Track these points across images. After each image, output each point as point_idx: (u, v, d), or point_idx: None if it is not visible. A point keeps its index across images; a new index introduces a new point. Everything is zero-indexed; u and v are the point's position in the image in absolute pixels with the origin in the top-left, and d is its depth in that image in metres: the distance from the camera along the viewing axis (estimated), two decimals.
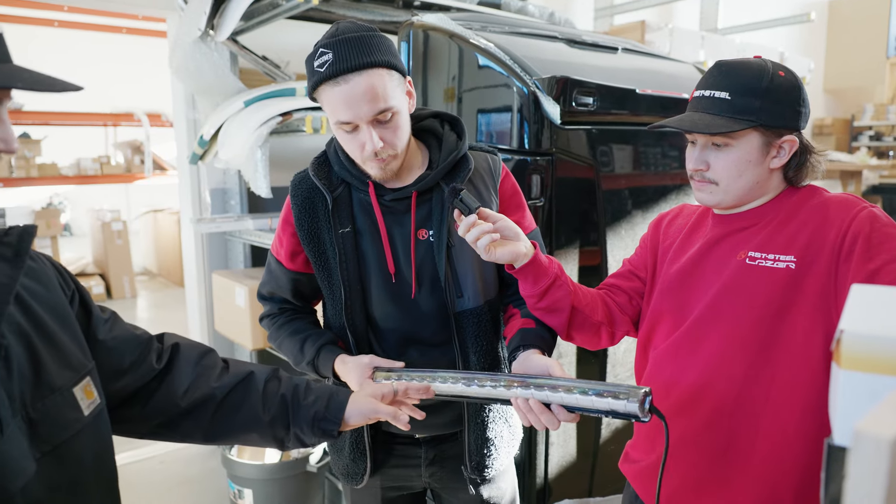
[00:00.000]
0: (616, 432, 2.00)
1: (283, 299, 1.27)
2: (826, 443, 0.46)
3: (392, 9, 2.51)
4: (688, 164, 1.07)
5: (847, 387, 0.47)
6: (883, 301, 0.54)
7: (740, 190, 1.02)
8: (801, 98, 1.01)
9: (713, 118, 1.00)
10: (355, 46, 1.00)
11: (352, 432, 1.20)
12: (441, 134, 1.18)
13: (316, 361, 1.18)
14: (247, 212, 2.84)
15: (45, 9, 4.85)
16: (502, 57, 1.73)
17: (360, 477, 1.23)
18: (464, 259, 1.15)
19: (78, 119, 6.19)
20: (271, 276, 1.26)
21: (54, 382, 0.75)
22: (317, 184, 1.15)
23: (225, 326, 2.67)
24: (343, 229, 1.14)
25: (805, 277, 0.96)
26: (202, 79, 2.43)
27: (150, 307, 6.19)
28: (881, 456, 0.35)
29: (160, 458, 3.00)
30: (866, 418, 0.37)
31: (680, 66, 2.34)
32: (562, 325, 1.11)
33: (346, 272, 1.14)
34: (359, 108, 1.01)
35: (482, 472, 1.23)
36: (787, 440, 0.97)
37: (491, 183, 1.19)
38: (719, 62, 1.05)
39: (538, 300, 1.08)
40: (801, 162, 1.02)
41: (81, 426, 0.78)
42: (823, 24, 6.63)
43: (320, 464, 2.23)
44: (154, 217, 7.20)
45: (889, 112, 6.40)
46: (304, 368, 1.21)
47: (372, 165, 1.09)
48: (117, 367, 0.90)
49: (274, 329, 1.26)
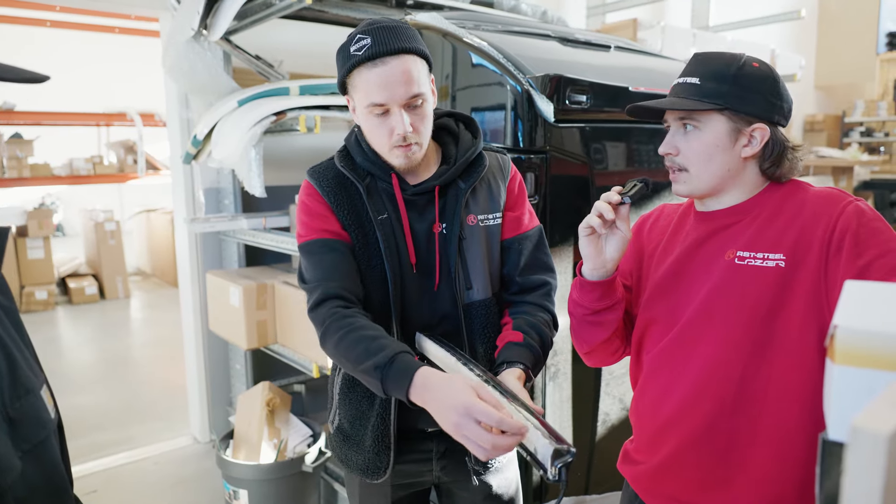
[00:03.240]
0: (612, 429, 2.01)
1: (341, 287, 1.09)
2: (821, 438, 0.46)
3: (385, 8, 2.51)
4: (660, 149, 1.08)
5: (841, 382, 0.47)
6: (876, 296, 0.55)
7: (711, 176, 1.03)
8: (776, 90, 1.01)
9: (679, 100, 1.03)
10: (393, 32, 1.06)
11: (375, 426, 1.19)
12: (456, 132, 1.22)
13: (387, 369, 0.97)
14: (241, 211, 2.83)
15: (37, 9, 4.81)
16: (496, 55, 1.73)
17: (384, 471, 1.21)
18: (473, 252, 1.17)
19: (70, 119, 6.15)
20: (318, 261, 1.11)
21: (27, 383, 0.75)
22: (346, 173, 1.15)
23: (219, 326, 2.66)
24: (381, 216, 1.14)
25: (795, 275, 0.96)
26: (195, 78, 2.41)
27: (143, 308, 6.16)
28: (879, 451, 0.35)
29: (154, 459, 2.99)
30: (863, 413, 0.37)
31: (672, 63, 2.35)
32: (593, 343, 1.15)
33: (391, 259, 1.13)
34: (394, 90, 1.05)
35: (485, 464, 1.23)
36: (788, 437, 0.98)
37: (502, 180, 1.23)
38: (697, 53, 1.08)
39: (590, 313, 1.11)
40: (776, 154, 1.02)
41: (53, 427, 0.78)
42: (814, 21, 6.66)
43: (316, 464, 2.23)
44: (147, 217, 7.16)
45: (879, 108, 6.44)
46: (364, 374, 1.01)
47: (398, 153, 1.11)
48: None
49: (333, 325, 1.05)
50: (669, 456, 1.07)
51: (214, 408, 3.08)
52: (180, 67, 2.40)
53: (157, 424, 3.37)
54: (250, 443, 2.28)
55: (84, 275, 6.48)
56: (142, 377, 4.19)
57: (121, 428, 3.33)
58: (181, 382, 3.48)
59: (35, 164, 5.72)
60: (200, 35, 2.34)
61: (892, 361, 0.45)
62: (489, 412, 0.86)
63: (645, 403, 1.13)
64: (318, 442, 2.33)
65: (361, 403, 1.21)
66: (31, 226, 5.90)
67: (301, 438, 2.38)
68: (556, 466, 0.83)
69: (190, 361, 3.13)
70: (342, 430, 1.26)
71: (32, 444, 0.74)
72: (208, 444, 3.11)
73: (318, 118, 2.20)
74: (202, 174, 2.85)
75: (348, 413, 1.24)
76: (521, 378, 1.06)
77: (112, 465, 2.94)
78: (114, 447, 3.11)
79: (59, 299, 6.22)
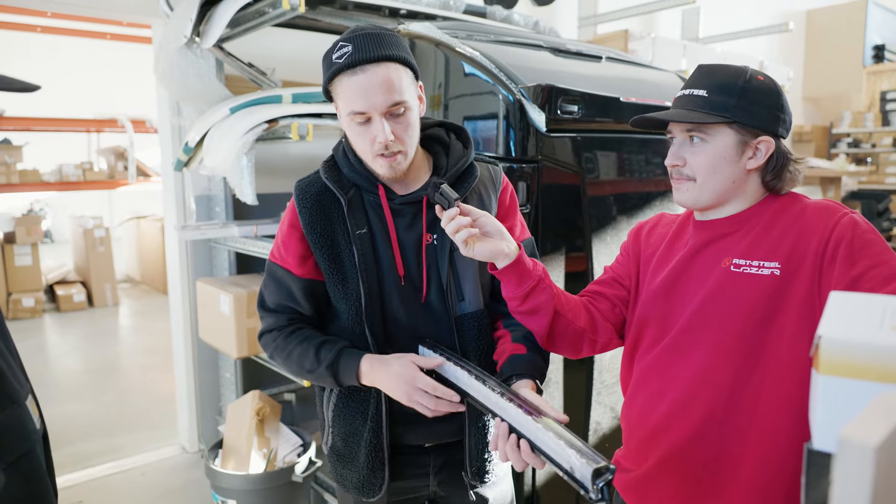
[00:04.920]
0: (603, 438, 2.00)
1: (291, 309, 1.20)
2: (805, 448, 0.46)
3: (378, 17, 2.52)
4: (666, 161, 1.09)
5: (825, 392, 0.48)
6: (860, 307, 0.56)
7: (716, 187, 1.04)
8: (779, 103, 1.03)
9: (689, 112, 1.03)
10: (374, 40, 1.05)
11: (368, 443, 1.18)
12: (447, 142, 1.21)
13: (336, 365, 1.12)
14: (232, 219, 2.81)
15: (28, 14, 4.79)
16: (488, 65, 1.74)
17: (378, 488, 1.20)
18: (465, 263, 1.16)
19: (61, 125, 6.12)
20: (277, 286, 1.20)
21: (12, 394, 0.74)
22: (329, 186, 1.15)
23: (209, 335, 2.64)
24: (360, 230, 1.14)
25: (790, 284, 0.97)
26: (188, 85, 2.41)
27: (132, 315, 6.10)
28: (866, 462, 0.35)
29: (142, 469, 2.95)
30: (851, 424, 0.37)
31: (662, 74, 2.37)
32: (543, 329, 1.10)
33: (366, 273, 1.13)
34: (374, 98, 1.04)
35: (482, 478, 1.22)
36: (779, 446, 0.98)
37: (493, 191, 1.22)
38: (701, 65, 1.08)
39: (521, 302, 1.08)
40: (779, 167, 1.04)
41: (37, 438, 0.77)
42: (802, 33, 6.76)
43: (306, 474, 2.21)
44: (137, 224, 7.11)
45: (866, 119, 6.53)
46: (319, 377, 1.15)
47: (381, 163, 1.10)
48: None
49: (281, 340, 1.18)
50: (658, 464, 1.07)
51: (203, 417, 3.05)
52: (172, 74, 2.39)
53: (146, 434, 3.33)
54: (240, 452, 2.26)
55: (72, 282, 6.41)
56: (130, 386, 4.14)
57: (108, 437, 3.29)
58: (170, 391, 3.44)
59: (24, 170, 5.68)
60: (193, 42, 2.34)
61: (877, 372, 0.46)
62: (429, 381, 1.07)
63: (635, 410, 1.13)
64: (308, 452, 2.31)
65: (354, 420, 1.20)
66: (20, 232, 5.84)
67: (291, 448, 2.36)
68: (598, 485, 0.82)
69: (179, 370, 3.10)
70: (336, 450, 1.25)
71: (16, 456, 0.73)
72: (197, 454, 3.07)
73: (310, 126, 2.20)
74: (193, 181, 2.84)
75: (341, 430, 1.23)
76: (533, 390, 1.07)
77: (99, 475, 2.90)
78: (101, 457, 3.07)
79: (46, 307, 6.15)
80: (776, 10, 6.21)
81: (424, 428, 1.19)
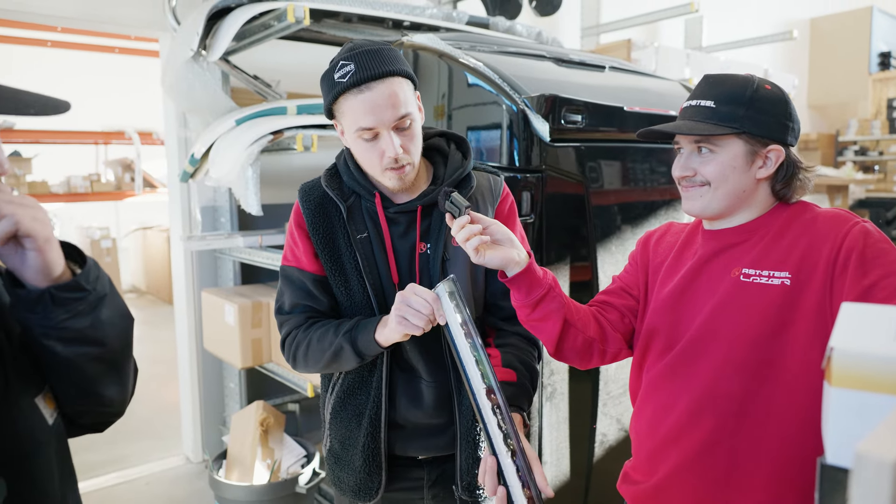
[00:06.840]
0: (610, 450, 1.98)
1: (309, 307, 1.19)
2: (819, 462, 0.45)
3: (382, 29, 2.54)
4: (674, 172, 1.08)
5: (838, 405, 0.47)
6: (873, 318, 0.55)
7: (727, 194, 1.03)
8: (787, 112, 1.03)
9: (697, 124, 1.02)
10: (376, 56, 1.06)
11: (365, 447, 1.19)
12: (447, 152, 1.22)
13: (355, 330, 1.11)
14: (237, 230, 2.82)
15: (38, 29, 4.86)
16: (491, 76, 1.74)
17: (375, 492, 1.20)
18: (457, 274, 1.16)
19: (69, 137, 6.17)
20: (293, 288, 1.19)
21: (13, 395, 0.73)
22: (329, 193, 1.17)
23: (214, 345, 2.64)
24: (360, 234, 1.16)
25: (801, 294, 0.96)
26: (194, 98, 2.43)
27: (138, 325, 6.00)
28: (884, 479, 0.34)
29: (146, 480, 2.94)
30: (868, 439, 0.36)
31: (666, 83, 2.37)
32: (553, 338, 1.09)
33: (370, 275, 1.14)
34: (382, 114, 1.06)
35: (473, 493, 1.21)
36: (790, 459, 0.96)
37: (490, 202, 1.22)
38: (707, 75, 1.07)
39: (531, 311, 1.07)
40: (789, 176, 1.03)
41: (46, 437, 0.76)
42: (806, 41, 6.75)
43: (309, 485, 2.20)
44: (143, 234, 7.14)
45: (873, 127, 6.50)
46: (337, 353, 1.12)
47: (391, 176, 1.11)
48: None
49: (301, 334, 1.17)
50: (668, 476, 1.06)
51: (208, 427, 3.04)
52: (179, 87, 2.41)
53: (150, 444, 3.32)
54: (244, 463, 2.25)
55: None
56: (134, 395, 4.10)
57: (112, 447, 3.28)
58: (174, 401, 3.44)
59: (33, 182, 5.73)
60: (200, 55, 2.36)
61: (891, 384, 0.45)
62: (419, 299, 1.03)
63: (644, 420, 1.12)
64: (312, 463, 2.30)
65: (350, 423, 1.21)
66: None
67: (295, 459, 2.35)
68: None
69: (184, 380, 3.10)
70: (333, 452, 1.26)
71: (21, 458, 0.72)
72: (201, 465, 3.06)
73: (314, 137, 2.21)
74: (199, 192, 2.85)
75: (339, 434, 1.24)
76: (520, 423, 1.07)
77: (103, 486, 2.89)
78: (105, 467, 3.07)
79: None
80: (779, 18, 6.22)
81: (417, 439, 1.20)
